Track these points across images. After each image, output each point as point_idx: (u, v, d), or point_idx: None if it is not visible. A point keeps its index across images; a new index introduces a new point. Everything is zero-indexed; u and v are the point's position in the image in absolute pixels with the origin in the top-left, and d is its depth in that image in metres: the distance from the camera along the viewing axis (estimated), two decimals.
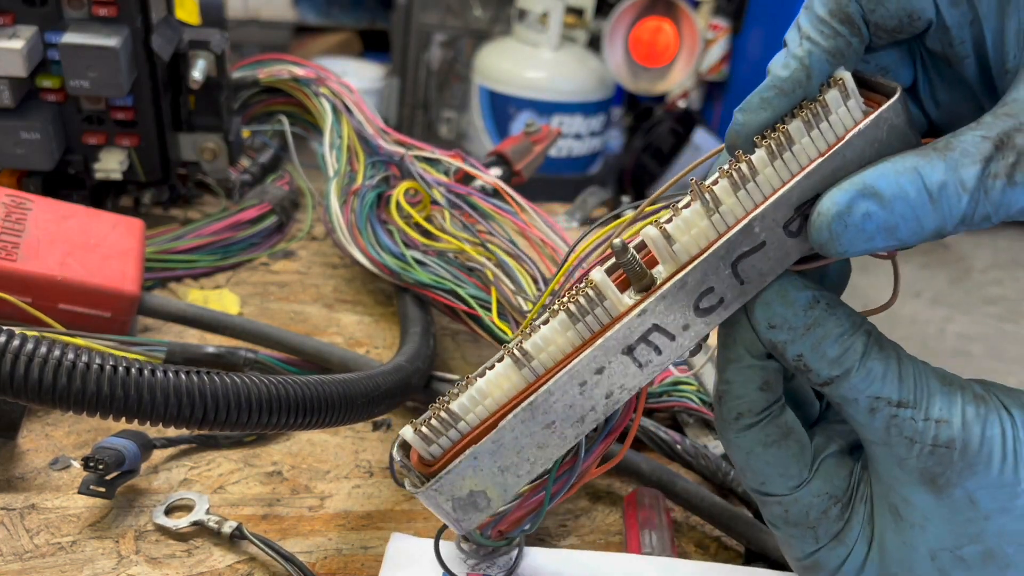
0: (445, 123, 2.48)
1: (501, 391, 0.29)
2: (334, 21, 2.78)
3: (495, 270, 0.54)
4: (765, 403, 0.31)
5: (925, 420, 0.28)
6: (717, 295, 0.28)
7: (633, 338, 0.28)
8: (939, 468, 0.28)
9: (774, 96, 0.28)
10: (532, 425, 0.29)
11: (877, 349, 0.28)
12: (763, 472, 0.31)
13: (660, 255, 0.28)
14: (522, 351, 0.29)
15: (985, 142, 0.26)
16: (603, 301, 0.28)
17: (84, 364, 0.33)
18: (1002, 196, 0.26)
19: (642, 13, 2.20)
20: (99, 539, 0.42)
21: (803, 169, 0.27)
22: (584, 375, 0.28)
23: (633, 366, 0.29)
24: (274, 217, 0.71)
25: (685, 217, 0.28)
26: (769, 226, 0.28)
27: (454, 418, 0.30)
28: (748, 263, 0.28)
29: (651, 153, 2.33)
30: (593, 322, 0.29)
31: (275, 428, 0.38)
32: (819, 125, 0.28)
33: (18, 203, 0.53)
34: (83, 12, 0.59)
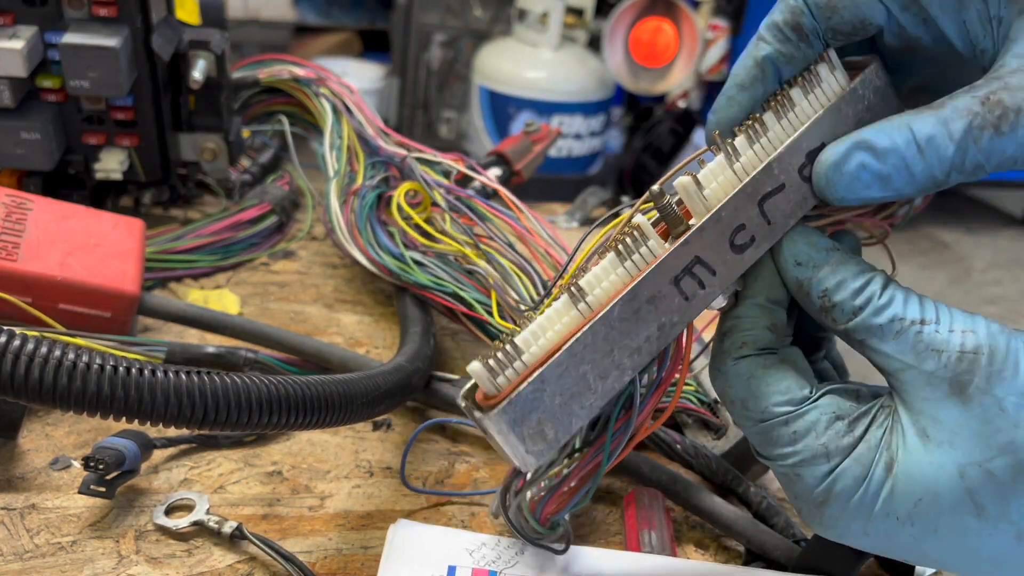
0: (445, 123, 2.48)
1: (560, 325, 0.31)
2: (334, 21, 2.79)
3: (494, 273, 0.54)
4: (768, 342, 0.33)
5: (951, 331, 0.30)
6: (749, 233, 0.32)
7: (679, 268, 0.31)
8: (967, 375, 0.29)
9: (736, 92, 0.34)
10: (593, 351, 0.31)
11: (895, 285, 0.31)
12: (765, 394, 0.32)
13: (691, 202, 0.32)
14: (577, 287, 0.31)
15: (973, 100, 0.29)
16: (647, 241, 0.31)
17: (84, 364, 0.33)
18: (991, 144, 0.29)
19: (642, 13, 2.20)
20: (99, 539, 0.42)
21: (808, 121, 0.32)
22: (638, 302, 0.31)
23: (680, 297, 0.32)
24: (274, 217, 0.71)
25: (711, 168, 0.32)
26: (786, 169, 0.32)
27: (517, 351, 0.31)
28: (772, 203, 0.32)
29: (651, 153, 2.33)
30: (639, 261, 0.32)
31: (275, 428, 0.38)
32: (813, 91, 0.33)
33: (18, 203, 0.53)
34: (83, 12, 0.59)
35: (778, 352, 0.33)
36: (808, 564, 0.43)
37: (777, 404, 0.32)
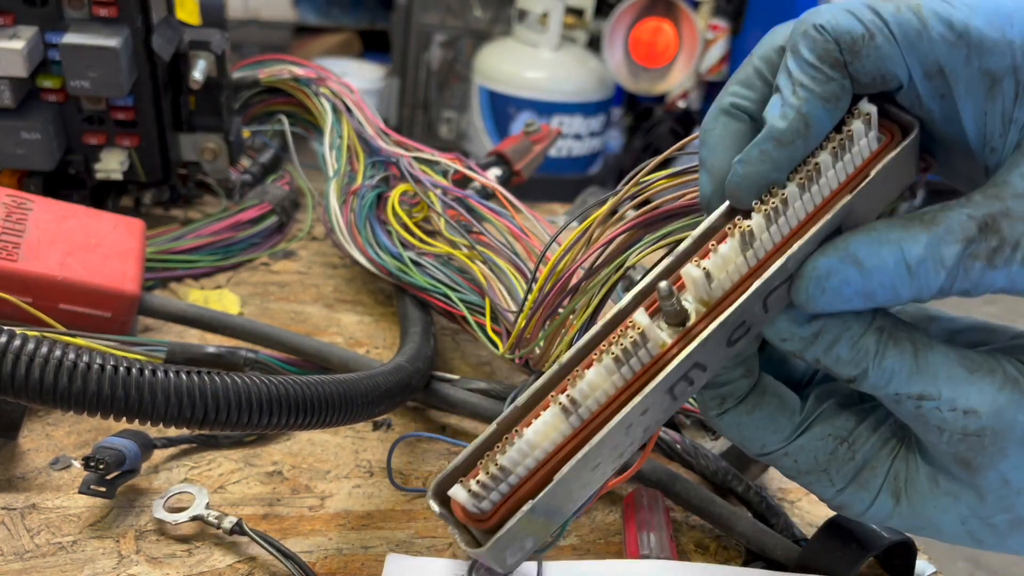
0: (445, 123, 2.48)
1: (549, 441, 0.30)
2: (334, 21, 2.79)
3: (489, 274, 0.54)
4: (748, 387, 0.32)
5: (952, 411, 0.28)
6: (746, 326, 0.30)
7: (676, 378, 0.29)
8: (971, 453, 0.28)
9: (773, 148, 0.28)
10: (582, 472, 0.29)
11: (891, 345, 0.29)
12: (758, 436, 0.32)
13: (696, 291, 0.29)
14: (571, 400, 0.29)
15: (970, 222, 0.27)
16: (646, 344, 0.29)
17: (84, 364, 0.33)
18: (981, 276, 0.27)
19: (642, 13, 2.20)
20: (99, 539, 0.42)
21: (827, 200, 0.29)
22: (631, 419, 0.29)
23: (670, 400, 0.30)
24: (274, 217, 0.71)
25: (723, 254, 0.29)
26: (798, 259, 0.29)
27: (504, 473, 0.29)
28: (776, 296, 0.29)
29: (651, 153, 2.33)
30: (635, 364, 0.29)
31: (275, 428, 0.38)
32: (844, 157, 0.29)
33: (19, 203, 0.53)
34: (83, 12, 0.59)
35: (756, 389, 0.32)
36: (808, 564, 0.43)
37: (771, 443, 0.32)
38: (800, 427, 0.32)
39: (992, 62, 0.27)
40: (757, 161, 0.28)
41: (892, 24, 0.27)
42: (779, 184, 0.29)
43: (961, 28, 0.27)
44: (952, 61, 0.27)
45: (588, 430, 0.29)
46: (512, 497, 0.30)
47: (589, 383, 0.29)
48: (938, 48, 0.27)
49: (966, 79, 0.28)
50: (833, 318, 0.29)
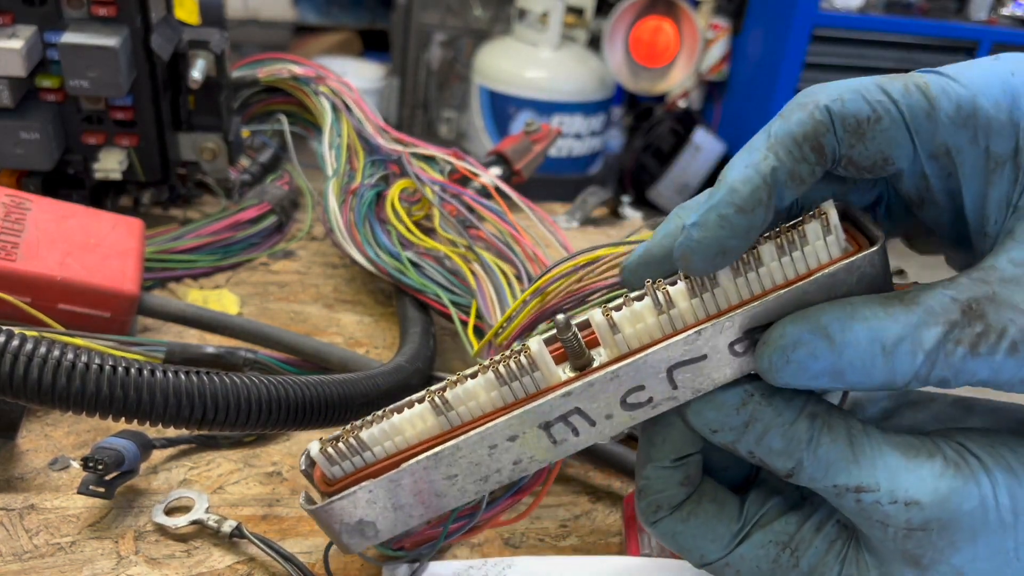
0: (445, 123, 2.48)
1: (414, 431, 0.30)
2: (334, 21, 2.79)
3: (481, 274, 0.54)
4: (684, 495, 0.31)
5: (893, 503, 0.27)
6: (647, 394, 0.28)
7: (553, 416, 0.28)
8: (919, 550, 0.27)
9: (732, 214, 0.26)
10: (434, 473, 0.29)
11: (826, 432, 0.27)
12: (696, 545, 0.30)
13: (603, 340, 0.28)
14: (443, 399, 0.29)
15: (953, 305, 0.25)
16: (534, 371, 0.29)
17: (84, 364, 0.33)
18: (962, 364, 0.25)
19: (642, 13, 2.21)
20: (98, 539, 0.42)
21: (763, 294, 0.27)
22: (496, 439, 0.29)
23: (547, 440, 0.29)
24: (274, 217, 0.71)
25: (635, 310, 0.28)
26: (714, 341, 0.27)
27: (361, 446, 0.30)
28: (685, 372, 0.28)
29: (651, 153, 2.33)
30: (519, 388, 0.29)
31: (275, 428, 0.38)
32: (792, 253, 0.27)
33: (17, 203, 0.53)
34: (82, 12, 0.59)
35: (693, 496, 0.31)
36: None
37: (711, 553, 0.30)
38: (739, 535, 0.30)
39: (997, 144, 0.26)
40: (715, 226, 0.26)
41: (902, 105, 0.26)
42: (701, 270, 0.27)
43: (969, 109, 0.26)
44: (959, 142, 0.27)
45: (453, 436, 0.29)
46: (361, 472, 0.30)
47: (466, 389, 0.29)
48: (946, 129, 0.26)
49: (971, 160, 0.27)
50: (763, 407, 0.27)
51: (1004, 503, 0.26)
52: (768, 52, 2.19)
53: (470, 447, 0.29)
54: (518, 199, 0.59)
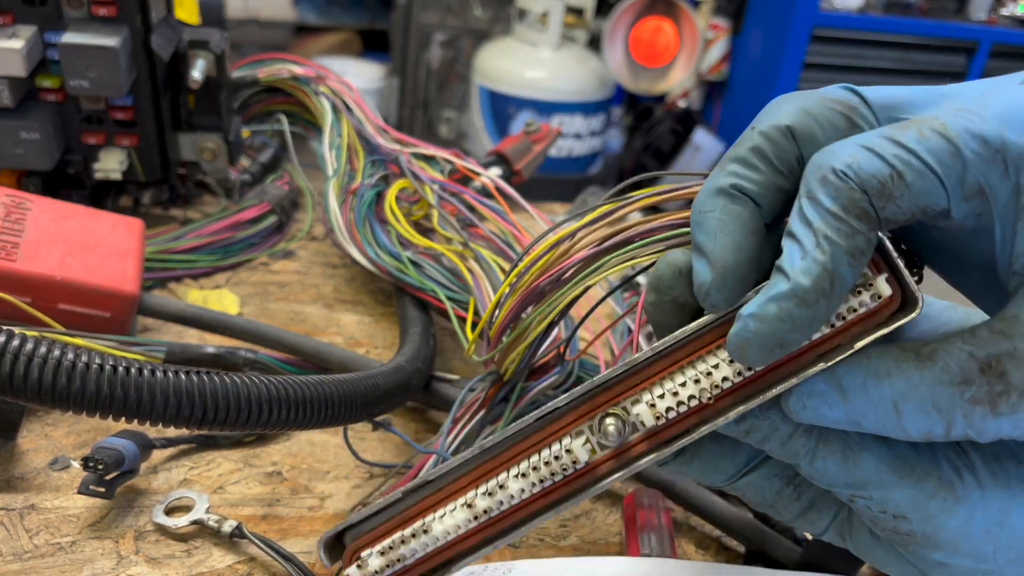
0: (445, 123, 2.48)
1: (453, 534, 0.30)
2: (334, 21, 2.79)
3: (479, 271, 0.54)
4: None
5: (883, 512, 0.27)
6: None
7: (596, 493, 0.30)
8: (903, 546, 0.28)
9: (795, 307, 0.25)
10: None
11: (822, 445, 0.27)
12: (703, 477, 0.31)
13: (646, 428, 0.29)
14: (485, 510, 0.30)
15: (971, 362, 0.24)
16: (575, 464, 0.29)
17: (84, 364, 0.33)
18: (983, 424, 0.24)
19: (642, 13, 2.21)
20: (99, 539, 0.42)
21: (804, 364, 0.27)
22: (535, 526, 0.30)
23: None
24: (274, 217, 0.71)
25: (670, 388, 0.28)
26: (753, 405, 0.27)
27: (402, 560, 0.31)
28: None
29: (651, 153, 2.33)
30: (558, 476, 0.29)
31: (275, 428, 0.38)
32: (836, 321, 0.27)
33: (18, 203, 0.53)
34: (83, 12, 0.59)
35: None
36: (809, 564, 0.43)
37: (715, 480, 0.31)
38: (743, 468, 0.31)
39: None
40: (775, 320, 0.25)
41: (922, 154, 0.25)
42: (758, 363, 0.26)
43: (998, 143, 0.25)
44: (991, 179, 0.25)
45: (492, 526, 0.30)
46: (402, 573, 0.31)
47: (507, 495, 0.29)
48: (975, 168, 0.25)
49: (1003, 196, 0.25)
50: (761, 420, 0.28)
51: (992, 517, 0.26)
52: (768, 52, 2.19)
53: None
54: (518, 198, 0.59)
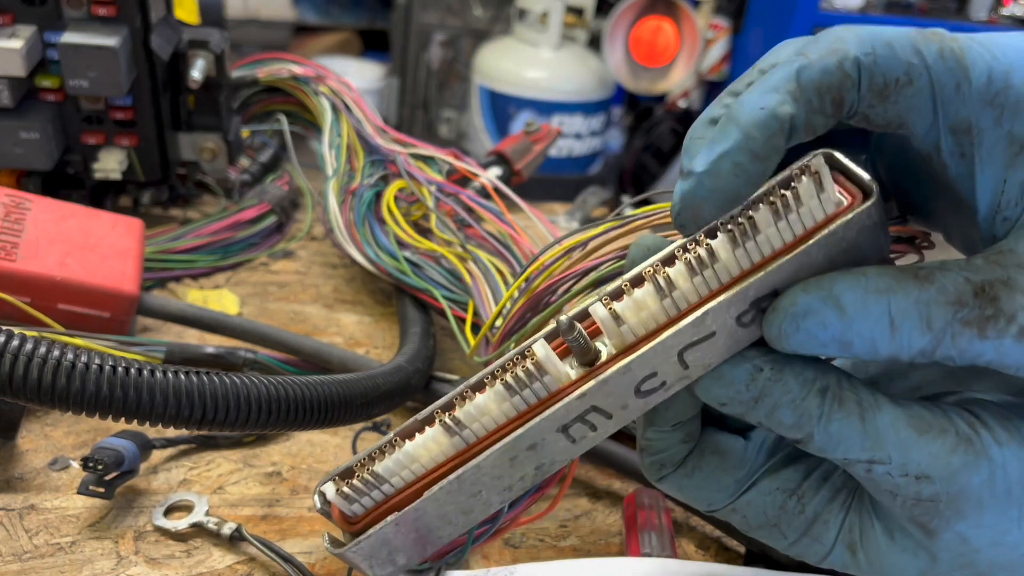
0: (445, 123, 2.48)
1: (429, 456, 0.29)
2: (334, 21, 2.78)
3: (477, 273, 0.54)
4: (686, 451, 0.31)
5: (904, 476, 0.27)
6: (660, 379, 0.28)
7: (570, 418, 0.28)
8: (926, 517, 0.27)
9: (748, 162, 0.25)
10: (458, 495, 0.29)
11: (836, 407, 0.27)
12: (702, 496, 0.31)
13: (608, 333, 0.28)
14: (454, 420, 0.28)
15: (967, 285, 0.25)
16: (543, 376, 0.28)
17: (83, 364, 0.33)
18: (968, 345, 0.25)
19: (642, 13, 2.20)
20: (98, 539, 0.42)
21: (765, 264, 0.26)
22: (516, 450, 0.28)
23: (566, 441, 0.29)
24: (273, 217, 0.71)
25: (637, 298, 0.27)
26: (722, 318, 0.27)
27: (378, 480, 0.29)
28: (695, 351, 0.27)
29: (651, 153, 2.33)
30: (530, 395, 0.28)
31: (275, 428, 0.38)
32: (788, 216, 0.26)
33: (17, 203, 0.53)
34: (82, 12, 0.59)
35: (696, 450, 0.31)
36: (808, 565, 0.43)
37: (717, 501, 0.31)
38: (744, 483, 0.30)
39: (1020, 127, 0.26)
40: (729, 175, 0.25)
41: (934, 72, 0.25)
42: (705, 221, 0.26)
43: (1000, 84, 0.25)
44: (983, 120, 0.26)
45: (471, 454, 0.29)
46: (383, 506, 0.29)
47: (477, 406, 0.28)
48: (973, 105, 0.26)
49: (992, 141, 0.26)
50: (773, 383, 0.27)
51: (1013, 476, 0.26)
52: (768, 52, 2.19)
53: (491, 464, 0.28)
54: (516, 199, 0.59)
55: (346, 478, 0.30)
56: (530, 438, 0.28)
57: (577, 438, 0.29)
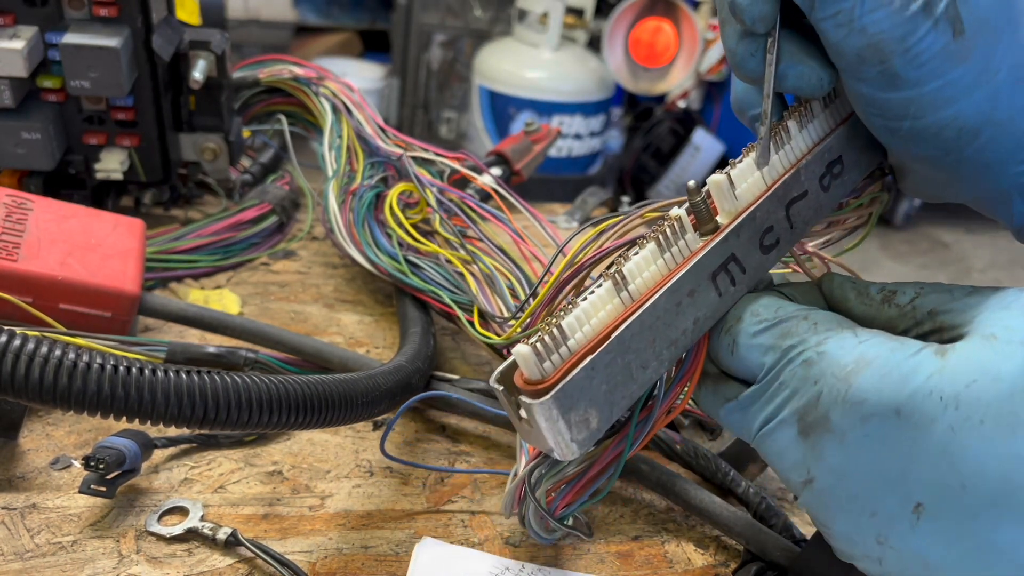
0: (445, 123, 2.48)
1: (604, 312, 0.32)
2: (334, 21, 2.78)
3: (481, 276, 0.54)
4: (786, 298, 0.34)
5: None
6: (775, 235, 0.34)
7: (716, 264, 0.32)
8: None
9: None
10: (639, 340, 0.31)
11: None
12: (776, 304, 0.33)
13: (722, 199, 0.33)
14: (620, 275, 0.32)
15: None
16: (685, 235, 0.32)
17: (85, 364, 0.33)
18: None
19: (642, 13, 2.20)
20: (100, 538, 0.42)
21: (829, 134, 0.35)
22: (680, 295, 0.32)
23: (714, 293, 0.33)
24: (274, 217, 0.71)
25: (741, 169, 0.33)
26: (810, 176, 0.34)
27: (564, 336, 0.31)
28: (796, 208, 0.34)
29: (651, 153, 2.33)
30: (677, 253, 0.32)
31: (276, 427, 0.38)
32: (830, 105, 0.35)
33: (19, 203, 0.53)
34: (84, 12, 0.59)
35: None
36: (808, 564, 0.43)
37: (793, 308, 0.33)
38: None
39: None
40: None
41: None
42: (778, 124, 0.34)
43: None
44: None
45: (639, 307, 0.31)
46: (575, 359, 0.30)
47: (636, 263, 0.32)
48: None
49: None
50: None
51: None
52: None
53: (663, 305, 0.31)
54: (514, 199, 0.59)
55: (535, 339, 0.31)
56: (689, 282, 0.32)
57: (723, 291, 0.33)
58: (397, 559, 0.44)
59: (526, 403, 0.30)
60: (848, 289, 0.34)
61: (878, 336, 0.30)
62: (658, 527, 0.48)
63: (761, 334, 0.32)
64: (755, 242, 0.33)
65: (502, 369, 0.32)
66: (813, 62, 0.33)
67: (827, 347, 0.30)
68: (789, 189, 0.34)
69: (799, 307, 0.33)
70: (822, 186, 0.35)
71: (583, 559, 0.45)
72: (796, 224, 0.34)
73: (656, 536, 0.47)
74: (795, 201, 0.34)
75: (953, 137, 0.31)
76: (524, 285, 0.53)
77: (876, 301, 0.33)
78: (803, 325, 0.32)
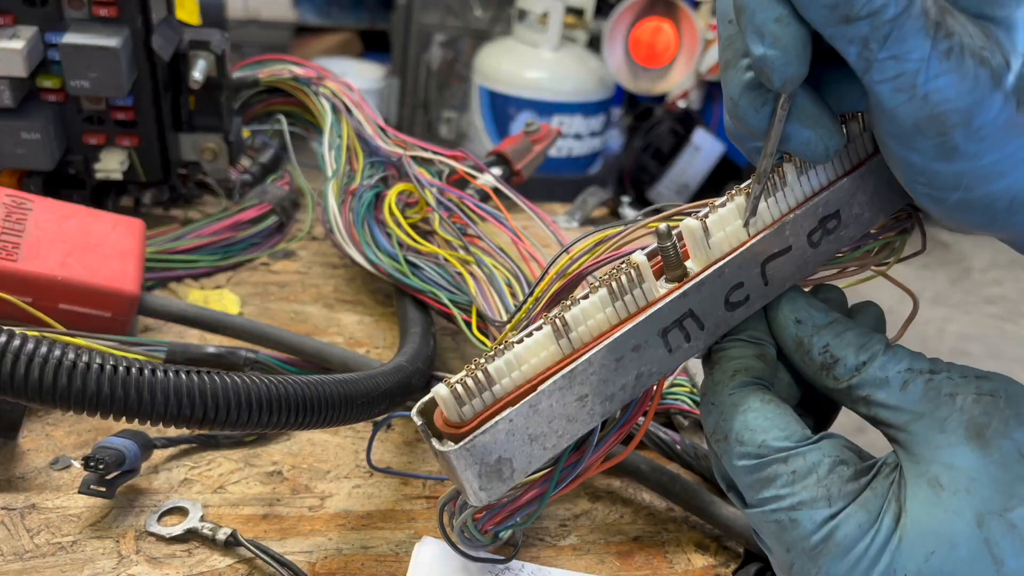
0: (445, 123, 2.48)
1: (538, 359, 0.30)
2: (334, 21, 2.78)
3: (481, 276, 0.54)
4: (760, 372, 0.32)
5: (964, 377, 0.29)
6: (745, 292, 0.31)
7: (670, 319, 0.30)
8: (985, 418, 0.28)
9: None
10: (567, 395, 0.29)
11: (898, 345, 0.30)
12: (763, 427, 0.30)
13: (695, 247, 0.30)
14: (563, 321, 0.30)
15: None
16: (642, 284, 0.30)
17: (84, 364, 0.33)
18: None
19: (642, 13, 2.20)
20: (99, 539, 0.42)
21: (829, 185, 0.31)
22: (622, 350, 0.30)
23: (664, 349, 0.30)
24: (274, 217, 0.71)
25: (722, 215, 0.30)
26: (797, 232, 0.31)
27: (489, 380, 0.29)
28: (774, 265, 0.31)
29: (651, 153, 2.33)
30: (630, 302, 0.30)
31: (275, 428, 0.38)
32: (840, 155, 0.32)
33: (18, 203, 0.53)
34: (83, 12, 0.59)
35: (772, 389, 0.32)
36: None
37: (777, 439, 0.30)
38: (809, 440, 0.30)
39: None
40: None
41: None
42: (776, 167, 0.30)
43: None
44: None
45: (577, 356, 0.29)
46: (493, 408, 0.29)
47: (582, 309, 0.30)
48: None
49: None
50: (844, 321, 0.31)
51: None
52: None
53: (600, 360, 0.29)
54: (517, 199, 0.59)
55: (458, 380, 0.29)
56: (636, 337, 0.30)
57: (674, 347, 0.30)
58: (397, 559, 0.44)
59: (437, 447, 0.29)
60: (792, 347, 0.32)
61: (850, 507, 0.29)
62: (658, 527, 0.48)
63: (743, 468, 0.30)
64: (719, 298, 0.30)
65: (425, 401, 0.31)
66: (823, 128, 0.29)
67: (799, 515, 0.29)
68: (768, 245, 0.30)
69: (784, 438, 0.30)
70: (810, 242, 0.31)
71: (583, 559, 0.45)
72: (772, 281, 0.31)
73: (656, 536, 0.47)
74: (774, 257, 0.30)
75: (1004, 208, 0.29)
76: (523, 285, 0.53)
77: (815, 365, 0.31)
78: (782, 474, 0.29)
